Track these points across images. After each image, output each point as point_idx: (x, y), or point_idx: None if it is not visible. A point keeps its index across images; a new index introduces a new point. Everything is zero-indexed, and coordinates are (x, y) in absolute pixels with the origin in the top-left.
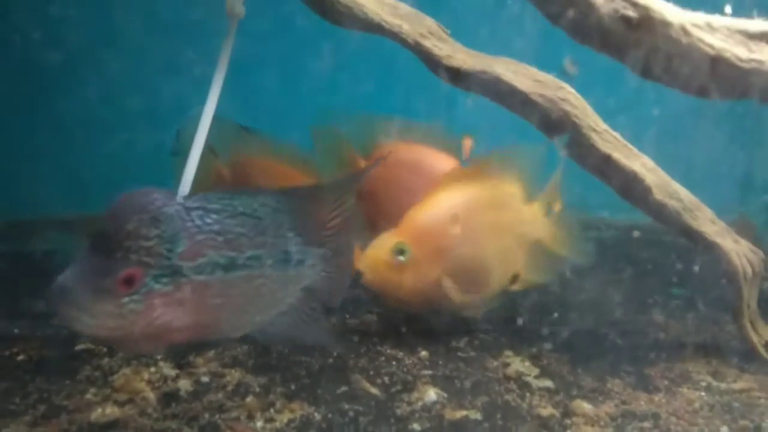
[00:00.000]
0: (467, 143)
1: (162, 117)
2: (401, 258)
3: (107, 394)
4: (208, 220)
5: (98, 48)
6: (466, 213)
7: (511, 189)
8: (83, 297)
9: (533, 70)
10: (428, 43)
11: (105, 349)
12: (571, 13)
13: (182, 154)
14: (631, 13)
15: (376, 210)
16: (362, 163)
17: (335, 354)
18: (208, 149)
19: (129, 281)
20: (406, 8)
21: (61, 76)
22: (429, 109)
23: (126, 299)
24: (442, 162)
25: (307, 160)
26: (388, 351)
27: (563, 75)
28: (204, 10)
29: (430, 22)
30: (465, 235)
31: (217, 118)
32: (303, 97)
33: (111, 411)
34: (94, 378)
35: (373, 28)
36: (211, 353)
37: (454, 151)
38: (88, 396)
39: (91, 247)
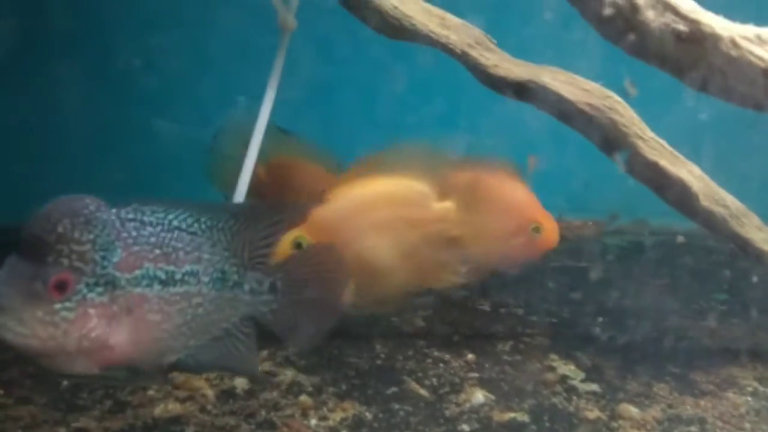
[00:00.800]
0: (532, 162)
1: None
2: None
3: (168, 391)
4: (144, 233)
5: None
6: (366, 207)
7: (418, 186)
8: (12, 302)
9: (580, 79)
10: (475, 53)
11: None
12: (630, 35)
13: (217, 153)
14: (681, 27)
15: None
16: None
17: (383, 355)
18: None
19: (61, 286)
20: (453, 19)
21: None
22: (494, 127)
23: (58, 305)
24: (511, 189)
25: (340, 165)
26: (435, 354)
27: (624, 96)
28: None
29: (477, 32)
30: (364, 229)
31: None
32: (377, 117)
33: (173, 407)
34: (153, 376)
35: (422, 39)
36: (264, 353)
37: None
38: (150, 393)
39: (21, 251)
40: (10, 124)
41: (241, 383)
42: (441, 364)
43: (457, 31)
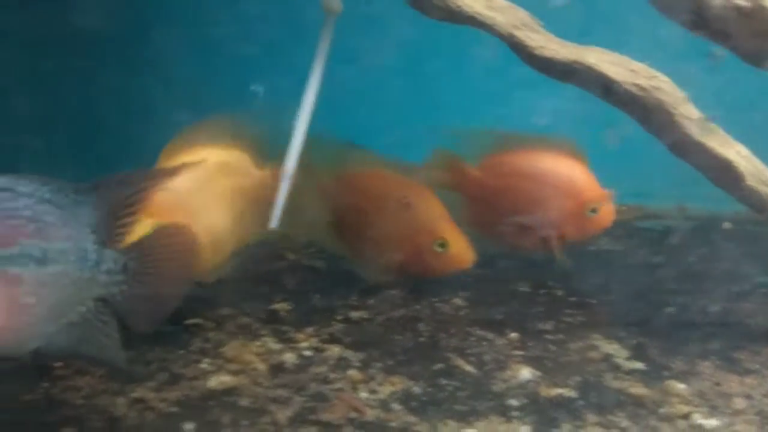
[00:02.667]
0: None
1: None
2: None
3: (220, 365)
4: (19, 203)
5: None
6: (201, 182)
7: (239, 155)
8: None
9: (626, 59)
10: (521, 34)
11: (213, 324)
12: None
13: None
14: (742, 2)
15: (499, 223)
16: (473, 173)
17: (427, 334)
18: (307, 163)
19: None
20: (499, 1)
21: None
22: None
23: None
24: (568, 168)
25: (411, 172)
26: (478, 332)
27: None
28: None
29: (523, 14)
30: (203, 204)
31: (321, 135)
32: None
33: (226, 379)
34: (205, 349)
35: (467, 20)
36: (310, 330)
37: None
38: (203, 365)
39: None
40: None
41: (290, 357)
42: (484, 343)
43: (503, 12)
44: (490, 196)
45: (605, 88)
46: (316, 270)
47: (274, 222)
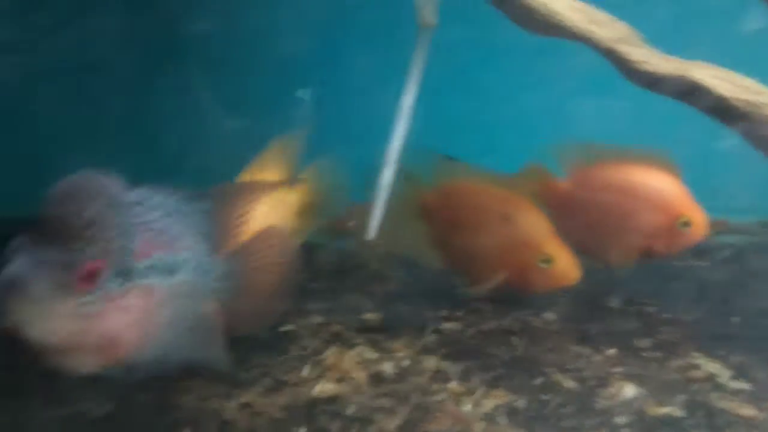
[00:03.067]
0: None
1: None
2: None
3: (320, 372)
4: (151, 216)
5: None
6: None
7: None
8: (38, 294)
9: (734, 74)
10: (622, 48)
11: (306, 331)
12: None
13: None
14: None
15: (589, 238)
16: (562, 186)
17: (521, 348)
18: (408, 177)
19: (90, 277)
20: (600, 14)
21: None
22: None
23: (85, 298)
24: (659, 181)
25: (511, 185)
26: (574, 348)
27: None
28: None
29: (623, 27)
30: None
31: (420, 149)
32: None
33: (329, 387)
34: (304, 357)
35: (567, 34)
36: (404, 340)
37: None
38: (304, 373)
39: (40, 232)
40: None
41: (388, 367)
42: (582, 359)
43: (604, 26)
44: (579, 209)
45: (712, 103)
46: (401, 281)
47: (371, 233)
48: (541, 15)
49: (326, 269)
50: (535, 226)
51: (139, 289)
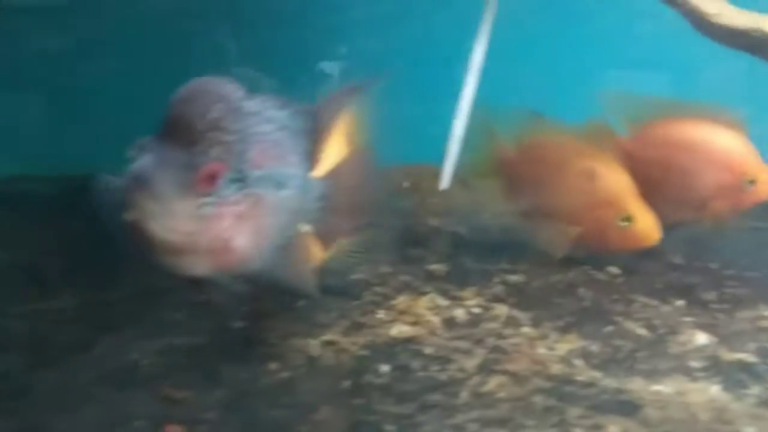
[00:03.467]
0: None
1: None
2: None
3: (394, 316)
4: (267, 128)
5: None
6: None
7: None
8: (162, 190)
9: None
10: (695, 1)
11: (376, 280)
12: None
13: None
14: None
15: (651, 196)
16: (624, 144)
17: (588, 298)
18: (490, 131)
19: (210, 178)
20: None
21: None
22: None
23: (204, 199)
24: (724, 139)
25: (595, 140)
26: (641, 299)
27: None
28: None
29: None
30: None
31: (503, 104)
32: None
33: (405, 329)
34: (377, 302)
35: None
36: (472, 289)
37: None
38: (379, 316)
39: (164, 133)
40: None
41: (459, 313)
42: (650, 309)
43: None
44: (642, 167)
45: None
46: (460, 235)
47: (444, 183)
48: None
49: (386, 225)
50: (618, 184)
51: (252, 198)
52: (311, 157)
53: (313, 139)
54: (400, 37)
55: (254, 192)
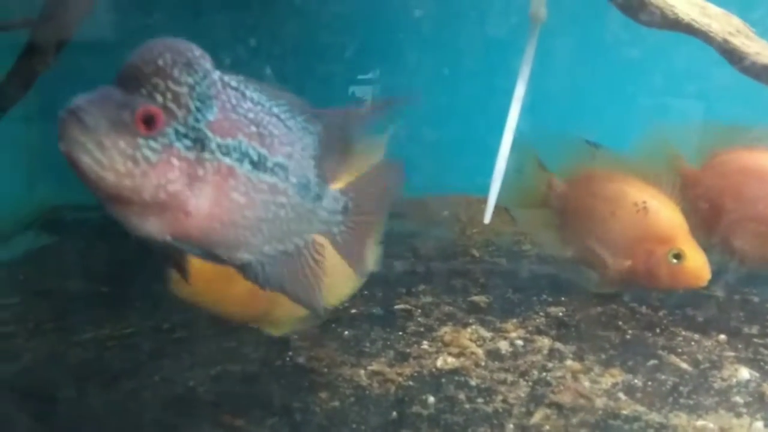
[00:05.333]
0: None
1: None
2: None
3: (439, 347)
4: (244, 105)
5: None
6: None
7: None
8: (96, 123)
9: None
10: (736, 41)
11: (420, 310)
12: None
13: None
14: None
15: (722, 222)
16: (691, 173)
17: (631, 332)
18: (538, 162)
19: (149, 121)
20: (714, 8)
21: None
22: None
23: (142, 140)
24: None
25: (652, 172)
26: (684, 333)
27: None
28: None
29: (737, 21)
30: None
31: (559, 133)
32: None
33: (450, 361)
34: (421, 332)
35: (683, 27)
36: (514, 321)
37: None
38: (424, 347)
39: (116, 80)
40: None
41: (503, 345)
42: (692, 343)
43: (718, 19)
44: (712, 197)
45: None
46: (502, 267)
47: (487, 218)
48: (656, 8)
49: (428, 255)
50: (670, 220)
51: (214, 164)
52: (330, 166)
53: (329, 147)
54: (442, 66)
55: (217, 158)
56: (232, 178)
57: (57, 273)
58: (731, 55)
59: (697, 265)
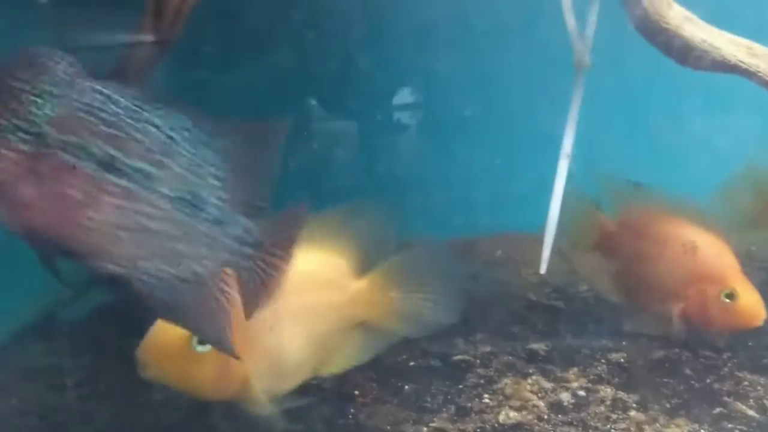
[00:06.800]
0: None
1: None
2: (202, 348)
3: (500, 400)
4: (104, 107)
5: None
6: (283, 292)
7: (339, 261)
8: None
9: None
10: None
11: (479, 360)
12: None
13: None
14: None
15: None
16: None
17: (696, 377)
18: (591, 203)
19: None
20: (760, 48)
21: None
22: None
23: None
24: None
25: (704, 213)
26: (749, 377)
27: None
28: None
29: None
30: (278, 320)
31: (603, 175)
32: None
33: (512, 415)
34: (481, 385)
35: (731, 68)
36: (575, 370)
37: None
38: (485, 400)
39: None
40: None
41: (565, 396)
42: (759, 387)
43: (765, 59)
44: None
45: None
46: (559, 310)
47: (543, 268)
48: (703, 52)
49: (484, 299)
50: (720, 259)
51: (53, 160)
52: (246, 191)
53: (243, 171)
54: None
55: (56, 154)
56: (70, 174)
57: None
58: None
59: (751, 303)
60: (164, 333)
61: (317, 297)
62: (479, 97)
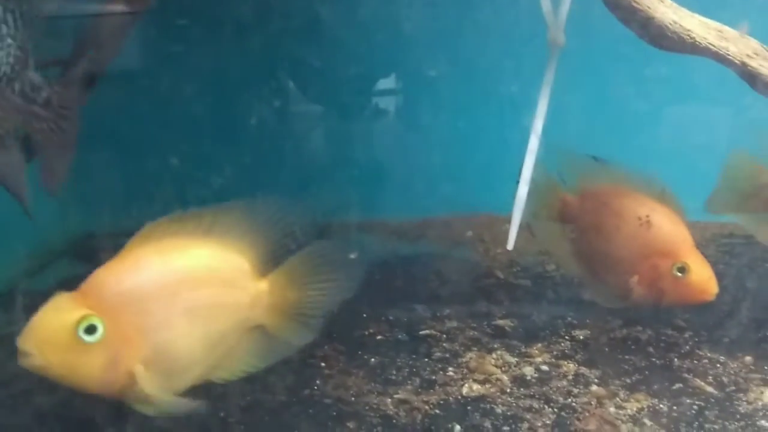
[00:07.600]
0: None
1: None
2: (89, 339)
3: (465, 374)
4: None
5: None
6: (178, 287)
7: (240, 260)
8: None
9: None
10: (755, 63)
11: (445, 335)
12: None
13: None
14: None
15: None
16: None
17: (656, 354)
18: (552, 178)
19: None
20: (730, 32)
21: None
22: None
23: None
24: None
25: (662, 188)
26: (708, 354)
27: None
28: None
29: (755, 43)
30: (171, 315)
31: (565, 150)
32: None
33: (476, 387)
34: (446, 359)
35: (701, 51)
36: (539, 346)
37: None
38: (450, 373)
39: None
40: None
41: (528, 371)
42: (718, 365)
43: (735, 42)
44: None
45: None
46: (525, 288)
47: (510, 244)
48: (674, 33)
49: (453, 278)
50: (674, 233)
51: None
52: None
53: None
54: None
55: None
56: None
57: None
58: (751, 78)
59: (703, 278)
60: (48, 320)
61: (215, 295)
62: (445, 57)
